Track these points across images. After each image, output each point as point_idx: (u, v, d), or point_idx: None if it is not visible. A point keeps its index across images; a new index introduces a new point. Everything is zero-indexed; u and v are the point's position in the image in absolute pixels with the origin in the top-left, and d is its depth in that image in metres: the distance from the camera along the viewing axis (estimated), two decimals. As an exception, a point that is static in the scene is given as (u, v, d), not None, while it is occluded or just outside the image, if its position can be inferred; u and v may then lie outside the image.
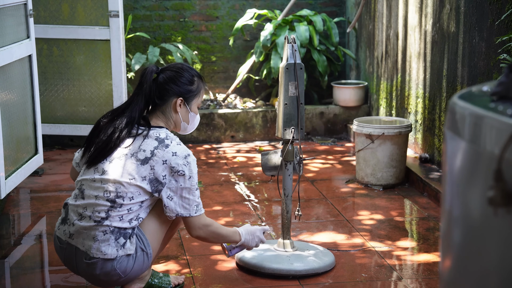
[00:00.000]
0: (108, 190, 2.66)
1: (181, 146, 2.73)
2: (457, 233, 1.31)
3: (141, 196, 2.68)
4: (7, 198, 4.24)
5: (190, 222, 2.76)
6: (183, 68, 2.87)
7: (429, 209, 4.12)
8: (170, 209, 2.70)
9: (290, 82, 3.20)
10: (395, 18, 5.34)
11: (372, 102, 5.96)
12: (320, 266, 3.18)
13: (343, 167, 5.09)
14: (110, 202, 2.66)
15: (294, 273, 3.14)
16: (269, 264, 3.17)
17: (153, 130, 2.75)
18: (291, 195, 3.28)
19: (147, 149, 2.69)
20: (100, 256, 2.66)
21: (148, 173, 2.67)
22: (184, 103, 2.84)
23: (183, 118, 2.86)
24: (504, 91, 1.30)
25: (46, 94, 5.35)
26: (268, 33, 5.90)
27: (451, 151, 1.34)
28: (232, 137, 5.91)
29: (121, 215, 2.66)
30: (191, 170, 2.70)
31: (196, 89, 2.88)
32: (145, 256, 2.73)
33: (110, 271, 2.68)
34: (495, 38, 3.80)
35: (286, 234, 3.31)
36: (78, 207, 2.71)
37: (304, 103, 3.34)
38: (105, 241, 2.65)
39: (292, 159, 3.24)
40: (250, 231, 2.97)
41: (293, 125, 3.22)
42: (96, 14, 5.19)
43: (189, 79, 2.85)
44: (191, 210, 2.73)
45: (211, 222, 2.82)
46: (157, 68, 2.85)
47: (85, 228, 2.68)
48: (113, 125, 2.75)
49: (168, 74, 2.83)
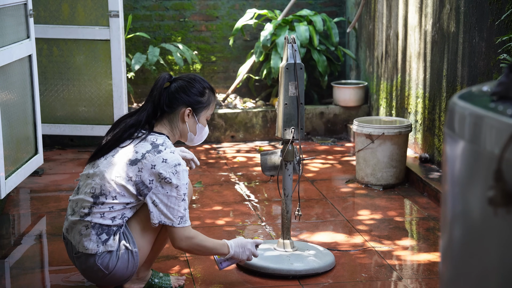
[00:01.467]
0: (93, 187, 2.73)
1: (173, 154, 2.71)
2: (457, 233, 1.31)
3: (125, 198, 2.70)
4: (7, 198, 4.24)
5: (173, 233, 2.74)
6: (195, 79, 2.88)
7: (429, 209, 4.12)
8: (153, 216, 2.70)
9: (290, 82, 3.20)
10: (395, 18, 5.34)
11: (372, 102, 5.96)
12: (320, 266, 3.18)
13: (343, 167, 5.09)
14: (94, 198, 2.71)
15: (294, 273, 3.14)
16: (269, 264, 3.17)
17: (152, 135, 2.77)
18: (291, 195, 3.28)
19: (139, 151, 2.71)
20: (82, 250, 2.73)
21: (134, 174, 2.68)
22: (192, 113, 2.85)
23: (190, 128, 2.87)
24: (504, 91, 1.30)
25: (46, 94, 5.35)
26: (268, 33, 5.90)
27: (451, 151, 1.34)
28: (232, 137, 5.91)
29: (102, 212, 2.71)
30: (179, 180, 2.68)
31: (206, 101, 2.88)
32: (130, 255, 2.74)
33: (92, 266, 2.73)
34: (495, 38, 3.80)
35: (286, 234, 3.31)
36: (73, 202, 2.80)
37: (304, 103, 3.34)
38: (87, 236, 2.71)
39: (292, 159, 3.24)
40: (241, 243, 2.94)
41: (293, 125, 3.22)
42: (96, 14, 5.19)
43: (200, 90, 2.86)
44: (175, 220, 2.71)
45: (196, 235, 2.79)
46: (170, 76, 2.87)
47: (74, 223, 2.76)
48: (120, 126, 2.81)
49: (179, 83, 2.85)
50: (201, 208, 4.15)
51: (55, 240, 3.66)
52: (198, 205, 4.20)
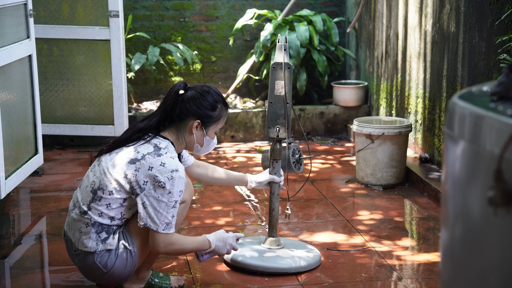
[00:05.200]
0: (94, 181, 2.75)
1: (173, 160, 2.71)
2: (457, 233, 1.31)
3: (120, 193, 2.71)
4: (7, 198, 4.24)
5: (155, 237, 2.72)
6: (209, 92, 2.85)
7: (429, 209, 4.12)
8: (140, 217, 2.69)
9: (276, 81, 3.20)
10: (395, 18, 5.34)
11: (372, 102, 5.96)
12: (290, 267, 3.19)
13: (343, 167, 5.09)
14: (93, 193, 2.73)
15: (262, 269, 3.18)
16: (242, 259, 3.22)
17: (157, 138, 2.78)
18: (277, 193, 3.29)
19: (141, 152, 2.73)
20: (81, 248, 2.74)
21: (131, 172, 2.69)
22: (201, 126, 2.83)
23: (197, 140, 2.86)
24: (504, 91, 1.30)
25: (46, 94, 5.35)
26: (268, 33, 5.90)
27: (451, 151, 1.34)
28: (232, 137, 5.91)
29: (100, 211, 2.71)
30: (173, 186, 2.67)
31: (217, 116, 2.86)
32: (129, 254, 2.75)
33: (91, 264, 2.74)
34: (495, 38, 3.80)
35: (271, 231, 3.34)
36: (75, 196, 2.83)
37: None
38: (87, 233, 2.72)
39: (279, 158, 3.24)
40: (222, 238, 2.93)
41: (279, 124, 3.20)
42: (96, 14, 5.19)
43: (211, 104, 2.84)
44: (160, 225, 2.69)
45: (175, 240, 2.76)
46: (185, 85, 2.85)
47: (74, 220, 2.77)
48: (131, 128, 2.84)
49: (192, 94, 2.83)
50: (201, 208, 4.16)
51: (55, 240, 3.66)
52: (198, 205, 4.20)
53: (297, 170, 3.30)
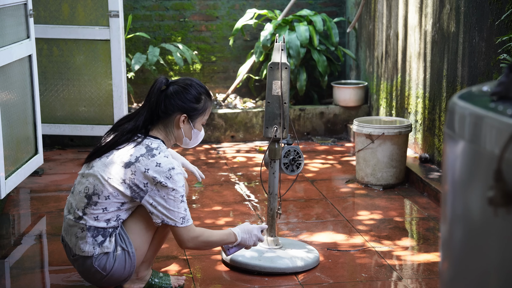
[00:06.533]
0: (87, 186, 2.74)
1: (167, 159, 2.71)
2: (457, 233, 1.31)
3: (119, 198, 2.70)
4: (7, 198, 4.24)
5: (179, 235, 2.75)
6: (192, 85, 2.85)
7: (429, 209, 4.12)
8: (156, 216, 2.71)
9: (274, 81, 3.20)
10: (395, 18, 5.34)
11: (372, 102, 5.96)
12: (287, 267, 3.19)
13: (343, 167, 5.09)
14: (87, 198, 2.72)
15: (259, 269, 3.18)
16: (242, 259, 3.22)
17: (148, 139, 2.77)
18: (275, 193, 3.29)
19: (134, 154, 2.72)
20: (79, 253, 2.75)
21: (128, 177, 2.69)
22: (188, 120, 2.84)
23: (185, 134, 2.86)
24: (504, 91, 1.30)
25: (46, 94, 5.35)
26: (268, 33, 5.90)
27: (451, 151, 1.34)
28: (232, 137, 5.91)
29: (96, 215, 2.71)
30: (174, 183, 2.68)
31: (202, 108, 2.86)
32: (127, 255, 2.75)
33: (90, 268, 2.74)
34: (495, 38, 3.80)
35: (270, 231, 3.33)
36: (69, 203, 2.82)
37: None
38: (83, 238, 2.72)
39: (276, 157, 3.24)
40: (247, 229, 2.96)
41: (276, 124, 3.21)
42: (96, 14, 5.19)
43: (195, 97, 2.84)
44: (177, 221, 2.72)
45: (201, 233, 2.80)
46: (167, 80, 2.85)
47: (70, 225, 2.77)
48: (118, 129, 2.81)
49: (175, 89, 2.82)
50: (201, 208, 4.16)
51: (55, 240, 3.67)
52: (198, 205, 4.20)
53: (289, 172, 3.26)
